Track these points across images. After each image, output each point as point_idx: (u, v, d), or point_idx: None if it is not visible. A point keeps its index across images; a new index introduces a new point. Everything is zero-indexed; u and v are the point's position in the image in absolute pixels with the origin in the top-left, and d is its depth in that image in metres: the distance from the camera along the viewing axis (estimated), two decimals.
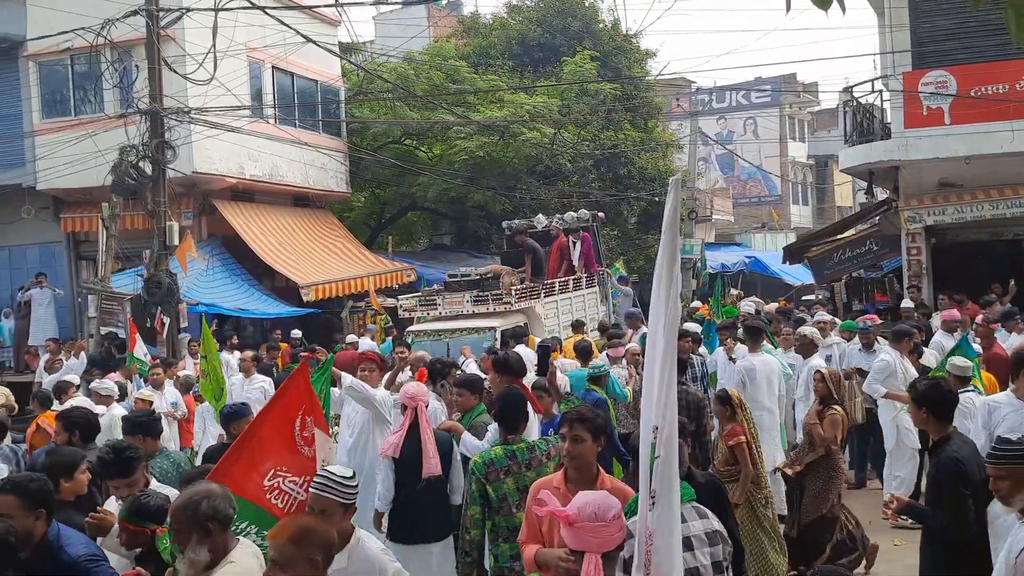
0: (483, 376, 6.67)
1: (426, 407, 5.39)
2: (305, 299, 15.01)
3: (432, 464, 5.05)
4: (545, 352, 6.48)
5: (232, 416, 5.64)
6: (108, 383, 7.99)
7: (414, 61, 20.28)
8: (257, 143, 15.60)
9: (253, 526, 3.72)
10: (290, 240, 16.65)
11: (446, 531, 5.25)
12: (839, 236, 17.07)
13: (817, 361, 7.74)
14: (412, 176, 19.38)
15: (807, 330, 8.48)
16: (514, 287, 12.03)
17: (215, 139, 14.30)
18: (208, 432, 8.47)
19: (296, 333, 13.95)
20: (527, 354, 9.79)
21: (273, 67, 16.56)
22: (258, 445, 4.00)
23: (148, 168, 12.78)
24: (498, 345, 10.42)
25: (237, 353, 11.68)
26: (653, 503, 2.59)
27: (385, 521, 5.33)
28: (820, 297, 17.72)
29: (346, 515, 3.40)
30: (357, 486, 3.45)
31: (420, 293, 13.06)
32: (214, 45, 12.44)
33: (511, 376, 5.65)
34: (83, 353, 12.70)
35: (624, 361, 8.96)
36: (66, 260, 16.31)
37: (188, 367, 10.99)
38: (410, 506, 5.12)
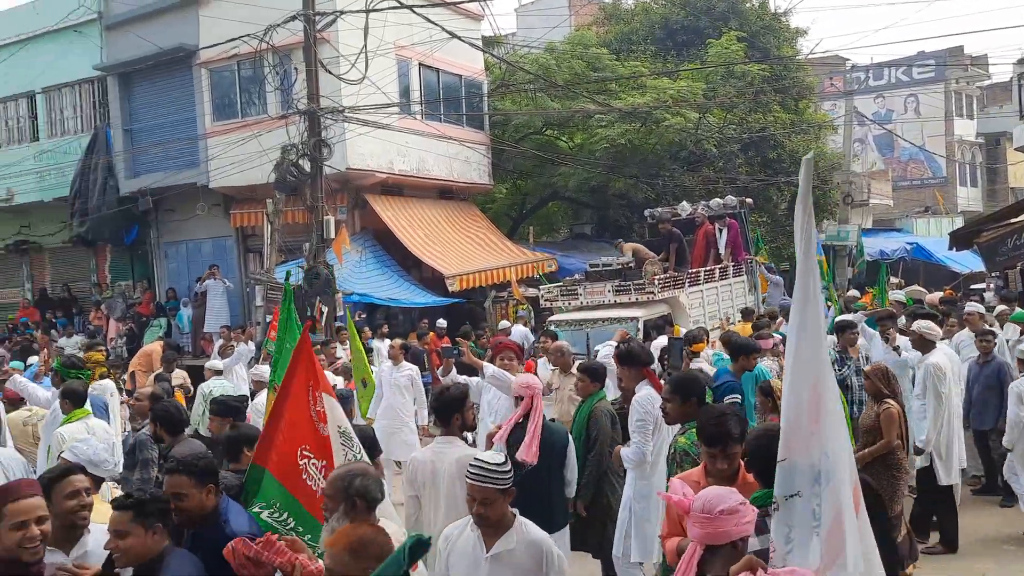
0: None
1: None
2: (450, 289, 15.44)
3: (530, 452, 4.99)
4: (678, 343, 6.23)
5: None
6: (264, 368, 8.53)
7: (555, 51, 20.34)
8: (405, 139, 16.18)
9: (292, 517, 3.74)
10: (436, 232, 17.17)
11: (561, 523, 5.22)
12: (1014, 220, 15.68)
13: (937, 358, 7.05)
14: (553, 166, 19.48)
15: (922, 325, 7.75)
16: (657, 276, 11.87)
17: (367, 136, 14.95)
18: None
19: (442, 322, 14.37)
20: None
21: (420, 64, 17.09)
22: (287, 425, 3.95)
23: (307, 166, 13.55)
24: (641, 336, 10.34)
25: (387, 341, 12.22)
26: (789, 548, 2.47)
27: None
28: (991, 286, 16.37)
29: (506, 499, 3.43)
30: (511, 469, 3.46)
31: (561, 283, 13.14)
32: (365, 45, 13.02)
33: (638, 366, 5.59)
34: (251, 340, 13.64)
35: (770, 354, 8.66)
36: (236, 253, 17.53)
37: (339, 353, 11.56)
38: (524, 494, 5.13)
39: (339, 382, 9.59)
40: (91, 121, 18.54)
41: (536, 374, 6.72)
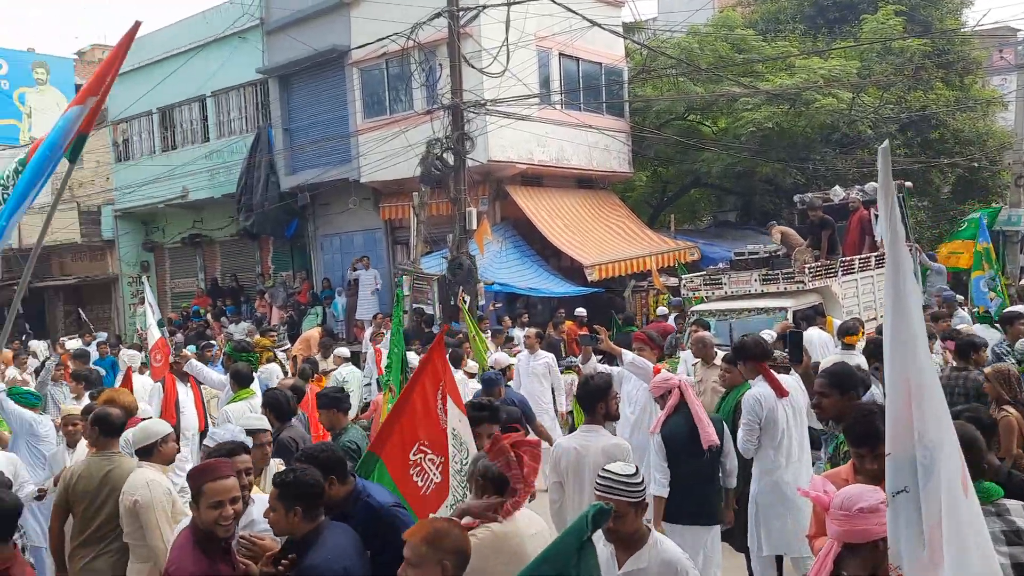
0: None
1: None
2: (589, 279, 15.46)
3: (708, 433, 5.00)
4: (798, 338, 5.90)
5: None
6: (410, 356, 8.87)
7: (698, 34, 19.84)
8: (545, 129, 16.30)
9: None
10: (575, 221, 17.22)
11: (718, 516, 5.18)
12: None
13: None
14: (696, 152, 19.04)
15: None
16: (807, 265, 11.40)
17: (507, 128, 15.19)
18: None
19: (580, 311, 14.40)
20: (822, 337, 9.31)
21: (560, 54, 17.15)
22: (409, 416, 4.02)
23: (450, 159, 13.94)
24: (790, 322, 9.99)
25: (527, 329, 12.41)
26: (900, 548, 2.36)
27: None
28: None
29: (638, 514, 3.30)
30: (643, 482, 3.31)
31: (704, 272, 12.86)
32: (506, 38, 13.23)
33: (753, 360, 5.44)
34: None
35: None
36: (384, 245, 18.31)
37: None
38: (681, 486, 5.08)
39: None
40: (254, 121, 19.86)
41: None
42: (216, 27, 19.44)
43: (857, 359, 7.33)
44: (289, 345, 13.66)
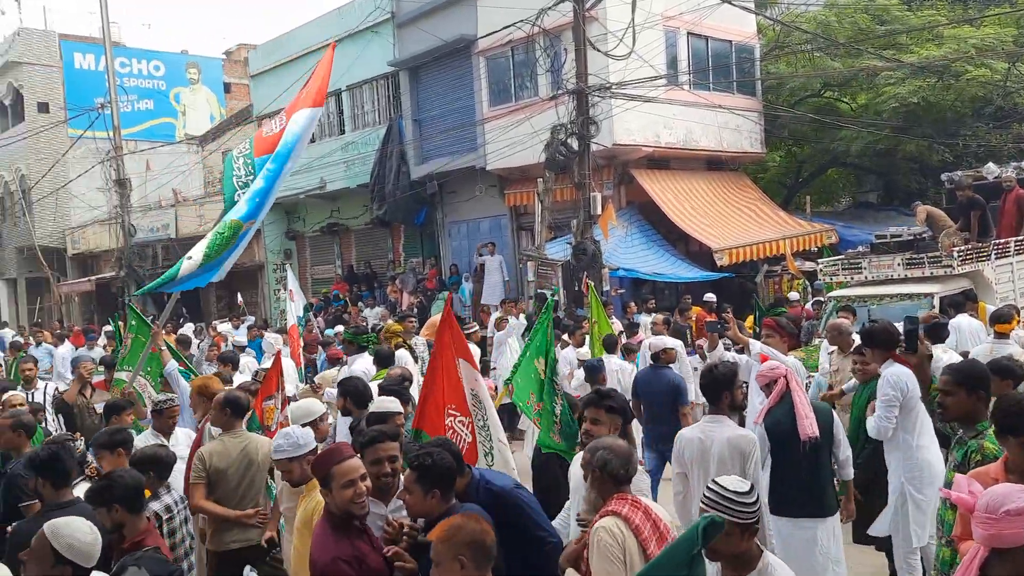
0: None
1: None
2: (719, 263, 15.08)
3: (807, 424, 4.79)
4: (915, 325, 5.51)
5: None
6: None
7: (836, 6, 18.86)
8: (672, 111, 16.00)
9: None
10: (704, 205, 16.82)
11: (832, 507, 4.95)
12: None
13: None
14: (833, 130, 18.14)
15: None
16: (956, 248, 10.68)
17: (633, 111, 15.00)
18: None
19: (709, 297, 14.09)
20: (972, 326, 8.72)
21: (688, 33, 16.75)
22: (439, 386, 4.29)
23: (575, 144, 13.93)
24: (937, 312, 9.42)
25: (653, 315, 12.27)
26: None
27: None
28: None
29: (746, 536, 2.93)
30: (756, 500, 2.96)
31: (843, 256, 12.29)
32: (632, 19, 13.06)
33: (884, 348, 5.18)
34: (522, 314, 14.37)
35: None
36: (510, 231, 18.54)
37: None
38: (786, 477, 4.89)
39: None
40: (386, 113, 20.53)
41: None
42: (350, 22, 20.19)
43: (1011, 348, 6.86)
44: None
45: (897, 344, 5.31)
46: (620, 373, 8.82)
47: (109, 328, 17.67)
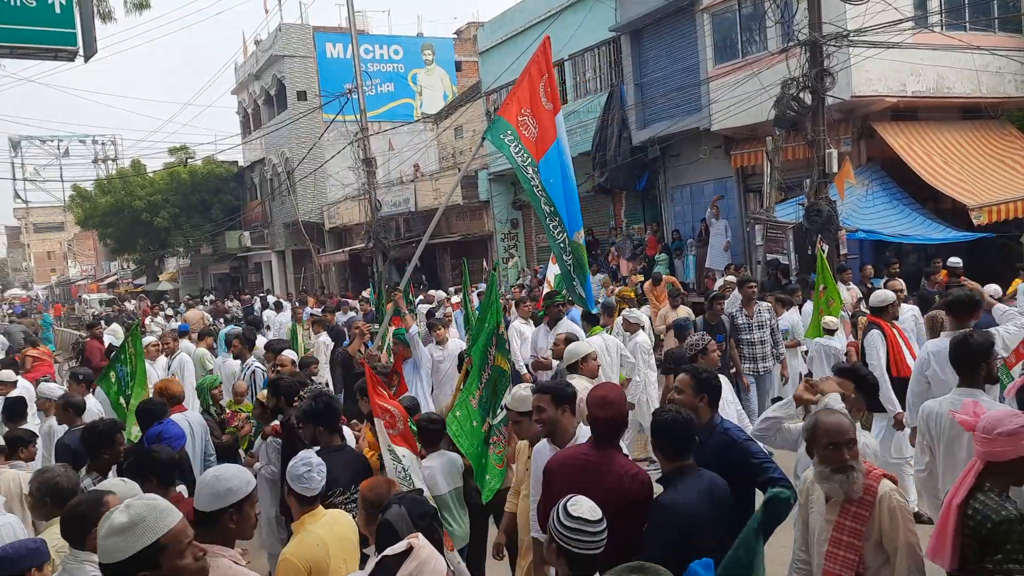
0: None
1: None
2: (976, 222, 13.58)
3: None
4: None
5: None
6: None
7: None
8: (920, 56, 14.54)
9: None
10: (958, 158, 15.18)
11: None
12: None
13: None
14: None
15: None
16: None
17: (875, 59, 13.83)
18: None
19: (955, 260, 12.63)
20: None
21: None
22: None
23: (808, 98, 13.13)
24: None
25: (893, 281, 11.37)
26: None
27: None
28: None
29: None
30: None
31: None
32: None
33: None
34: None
35: None
36: (736, 193, 17.92)
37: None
38: None
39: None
40: (608, 80, 20.55)
41: None
42: None
43: None
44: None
45: (976, 308, 4.69)
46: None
47: (365, 293, 19.47)
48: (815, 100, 13.02)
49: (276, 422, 5.76)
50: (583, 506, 2.77)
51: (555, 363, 6.97)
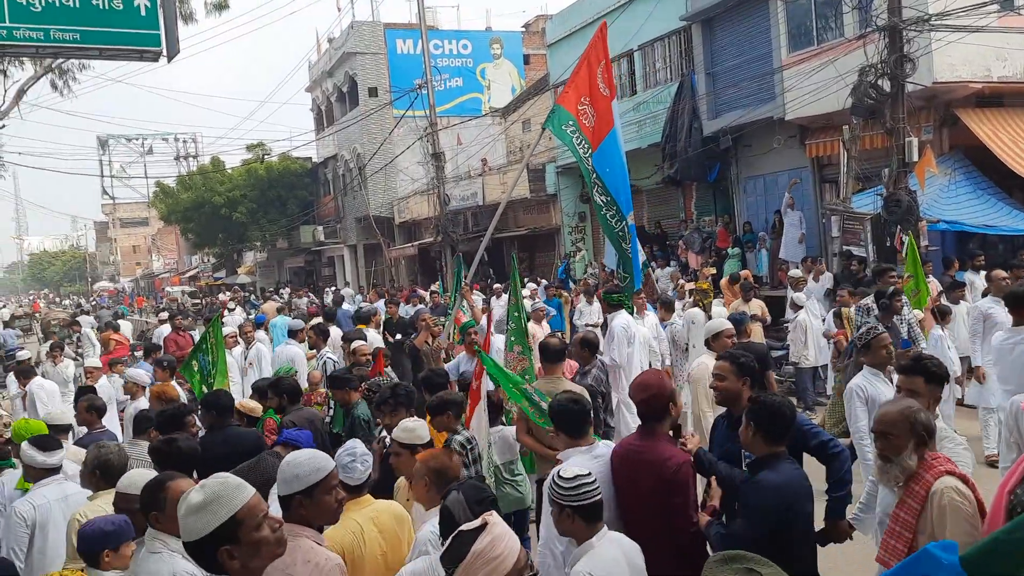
0: None
1: None
2: None
3: None
4: None
5: None
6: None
7: None
8: (1007, 40, 13.89)
9: None
10: None
11: None
12: None
13: None
14: None
15: None
16: None
17: (958, 43, 13.29)
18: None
19: None
20: None
21: None
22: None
23: (886, 85, 12.72)
24: None
25: (982, 273, 10.95)
26: None
27: None
28: None
29: None
30: None
31: None
32: None
33: None
34: (822, 276, 13.50)
35: None
36: (811, 184, 17.46)
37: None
38: None
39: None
40: (678, 69, 20.27)
41: None
42: None
43: None
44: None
45: None
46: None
47: (434, 287, 19.76)
48: (894, 87, 12.61)
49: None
50: (570, 469, 3.30)
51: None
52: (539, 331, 9.60)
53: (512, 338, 6.74)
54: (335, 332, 10.80)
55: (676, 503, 3.65)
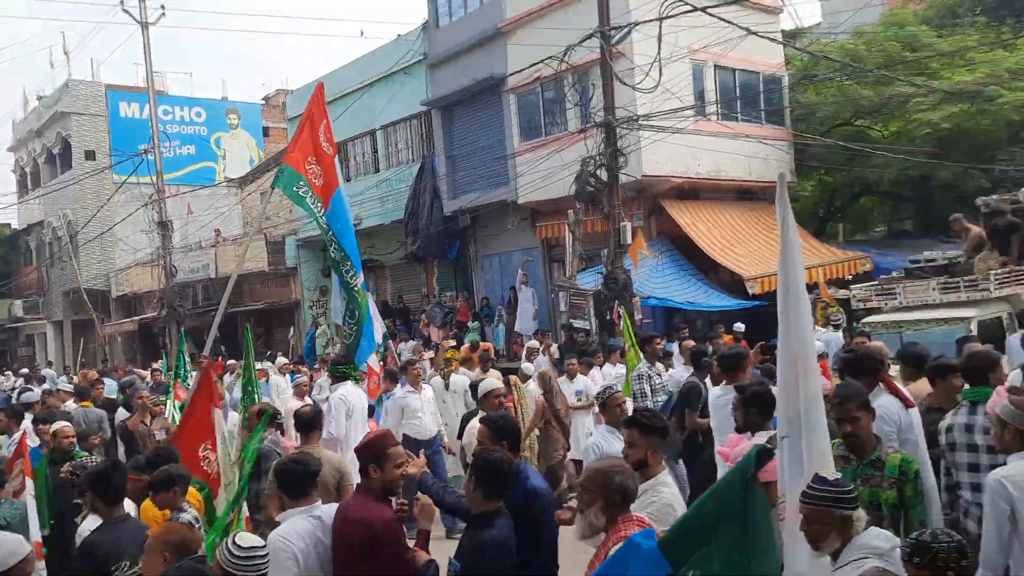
0: None
1: None
2: (751, 292, 15.00)
3: None
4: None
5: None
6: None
7: (864, 35, 18.89)
8: (700, 141, 16.06)
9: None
10: (735, 234, 16.79)
11: None
12: None
13: None
14: (865, 158, 18.04)
15: None
16: (992, 271, 10.54)
17: (661, 142, 15.11)
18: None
19: (739, 326, 13.95)
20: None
21: (715, 65, 16.88)
22: (188, 432, 5.38)
23: (604, 175, 14.06)
24: (976, 337, 9.26)
25: (685, 344, 12.23)
26: None
27: None
28: None
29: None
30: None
31: (877, 282, 12.17)
32: (659, 53, 13.20)
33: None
34: (551, 348, 14.31)
35: None
36: (541, 263, 18.66)
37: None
38: None
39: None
40: (419, 151, 20.92)
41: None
42: (383, 65, 20.71)
43: None
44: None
45: (881, 368, 5.18)
46: None
47: (156, 364, 18.05)
48: (610, 177, 13.97)
49: None
50: (247, 538, 3.36)
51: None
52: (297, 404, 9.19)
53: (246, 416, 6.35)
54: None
55: (385, 555, 3.71)
